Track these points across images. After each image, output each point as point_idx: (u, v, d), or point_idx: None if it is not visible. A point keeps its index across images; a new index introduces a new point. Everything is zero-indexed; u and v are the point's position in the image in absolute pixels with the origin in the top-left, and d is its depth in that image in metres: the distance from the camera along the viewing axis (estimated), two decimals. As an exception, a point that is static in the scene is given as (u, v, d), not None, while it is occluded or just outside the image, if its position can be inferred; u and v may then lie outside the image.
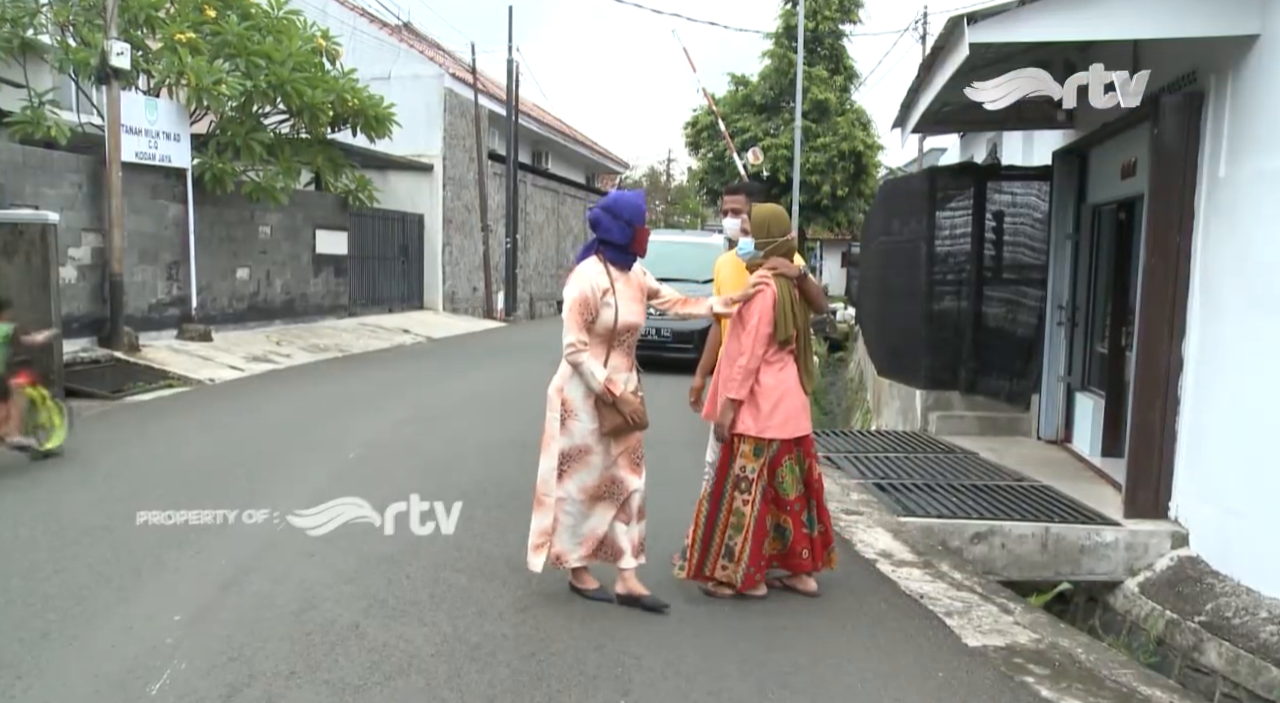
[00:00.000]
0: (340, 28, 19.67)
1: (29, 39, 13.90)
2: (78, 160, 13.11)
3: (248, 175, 15.90)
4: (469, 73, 25.57)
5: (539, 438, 4.70)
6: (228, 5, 15.32)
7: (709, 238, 18.12)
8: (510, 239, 26.49)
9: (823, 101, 28.98)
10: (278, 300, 17.79)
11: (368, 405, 10.85)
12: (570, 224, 34.45)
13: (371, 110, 17.42)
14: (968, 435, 9.44)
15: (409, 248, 23.45)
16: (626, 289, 4.44)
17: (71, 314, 12.39)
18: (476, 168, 25.83)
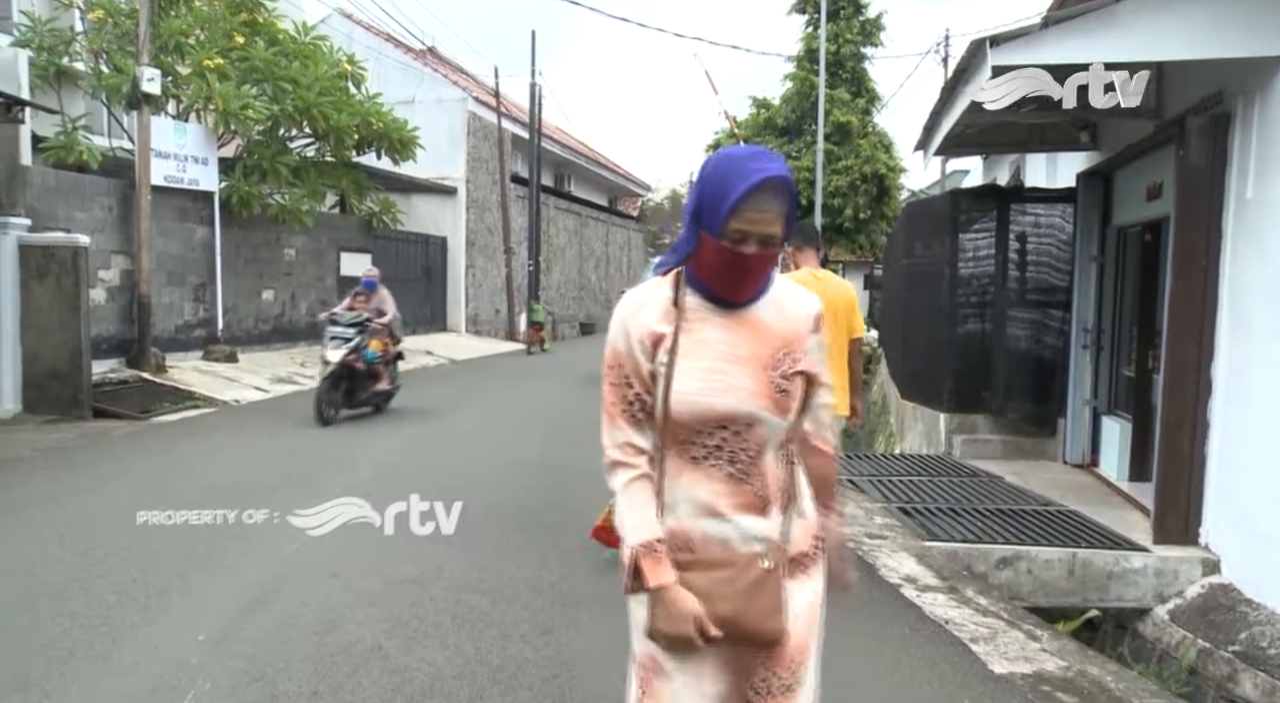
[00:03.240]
0: (365, 52, 19.90)
1: (64, 66, 14.18)
2: (108, 184, 13.30)
3: (273, 198, 16.07)
4: (492, 96, 25.78)
5: (563, 459, 4.67)
6: (255, 31, 15.54)
7: None
8: (533, 261, 26.60)
9: (845, 124, 29.01)
10: (302, 322, 17.91)
11: (387, 426, 10.88)
12: (593, 246, 34.57)
13: (396, 133, 17.59)
14: (992, 459, 9.36)
15: (432, 270, 23.59)
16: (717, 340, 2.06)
17: (100, 335, 12.52)
18: (499, 190, 25.99)
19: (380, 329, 11.14)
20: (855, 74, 30.67)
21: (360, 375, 10.97)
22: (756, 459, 2.05)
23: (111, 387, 11.83)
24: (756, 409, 2.00)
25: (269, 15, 16.02)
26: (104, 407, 10.90)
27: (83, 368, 10.84)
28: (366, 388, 11.12)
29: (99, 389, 11.28)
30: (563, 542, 6.21)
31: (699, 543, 2.04)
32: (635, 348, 2.04)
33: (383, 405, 11.59)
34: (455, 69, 27.53)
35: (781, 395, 2.03)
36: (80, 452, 9.04)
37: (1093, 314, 9.00)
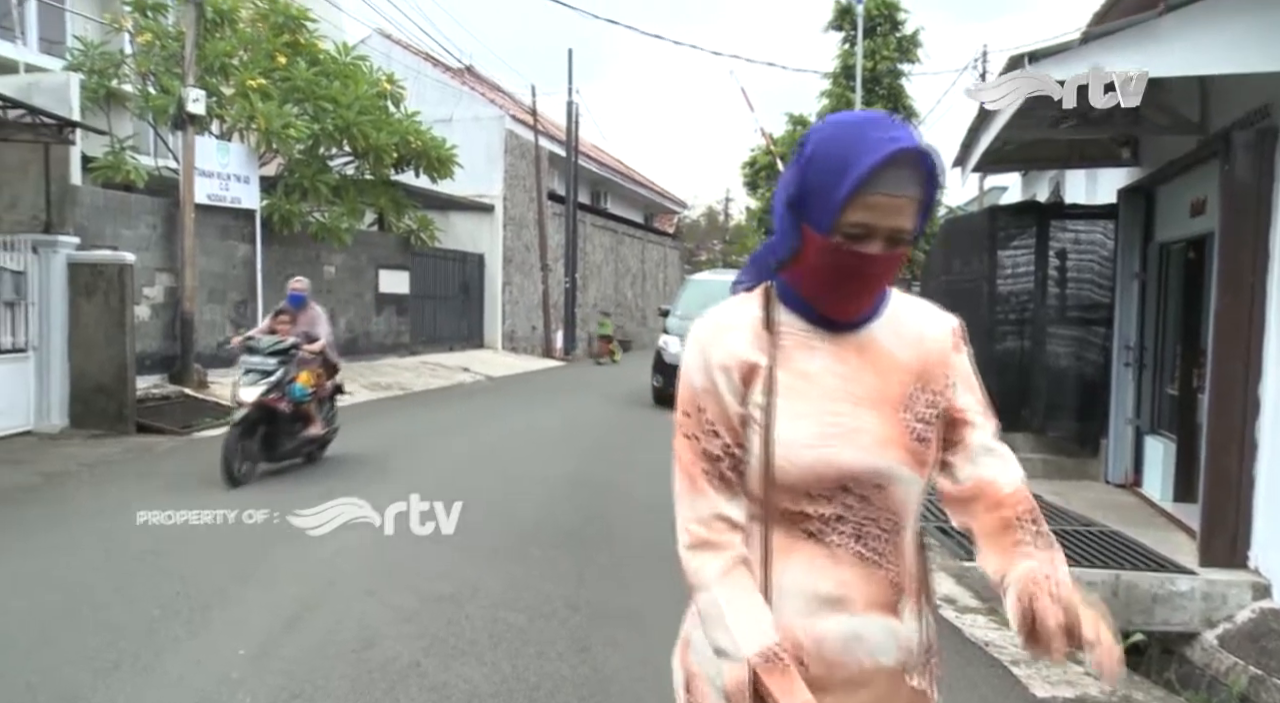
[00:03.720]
0: (404, 71, 20.14)
1: (113, 88, 14.50)
2: (154, 203, 13.53)
3: (313, 216, 16.27)
4: (529, 114, 25.97)
5: (600, 478, 4.67)
6: (297, 52, 15.78)
7: None
8: (569, 278, 26.70)
9: (882, 141, 28.90)
10: (340, 339, 18.06)
11: (427, 443, 10.95)
12: (629, 264, 34.64)
13: (434, 152, 17.77)
14: (1033, 479, 9.13)
15: (469, 287, 23.75)
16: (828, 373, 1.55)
17: (144, 351, 12.71)
18: (536, 208, 26.15)
19: (311, 358, 8.97)
20: (892, 91, 30.54)
21: (284, 419, 8.65)
22: (893, 534, 1.53)
23: (155, 402, 12.00)
24: (892, 464, 1.49)
25: (310, 36, 16.27)
26: (147, 422, 11.06)
27: (128, 383, 11.01)
28: (293, 434, 8.81)
29: (143, 404, 11.45)
30: (599, 558, 6.21)
31: (816, 651, 1.47)
32: (721, 384, 1.49)
33: (316, 454, 9.30)
34: (493, 87, 27.76)
35: (920, 445, 1.52)
36: (124, 466, 9.18)
37: (1135, 332, 8.88)
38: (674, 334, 15.01)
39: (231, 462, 8.02)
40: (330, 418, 9.51)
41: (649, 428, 12.85)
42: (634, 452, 10.97)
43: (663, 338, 15.28)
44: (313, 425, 8.97)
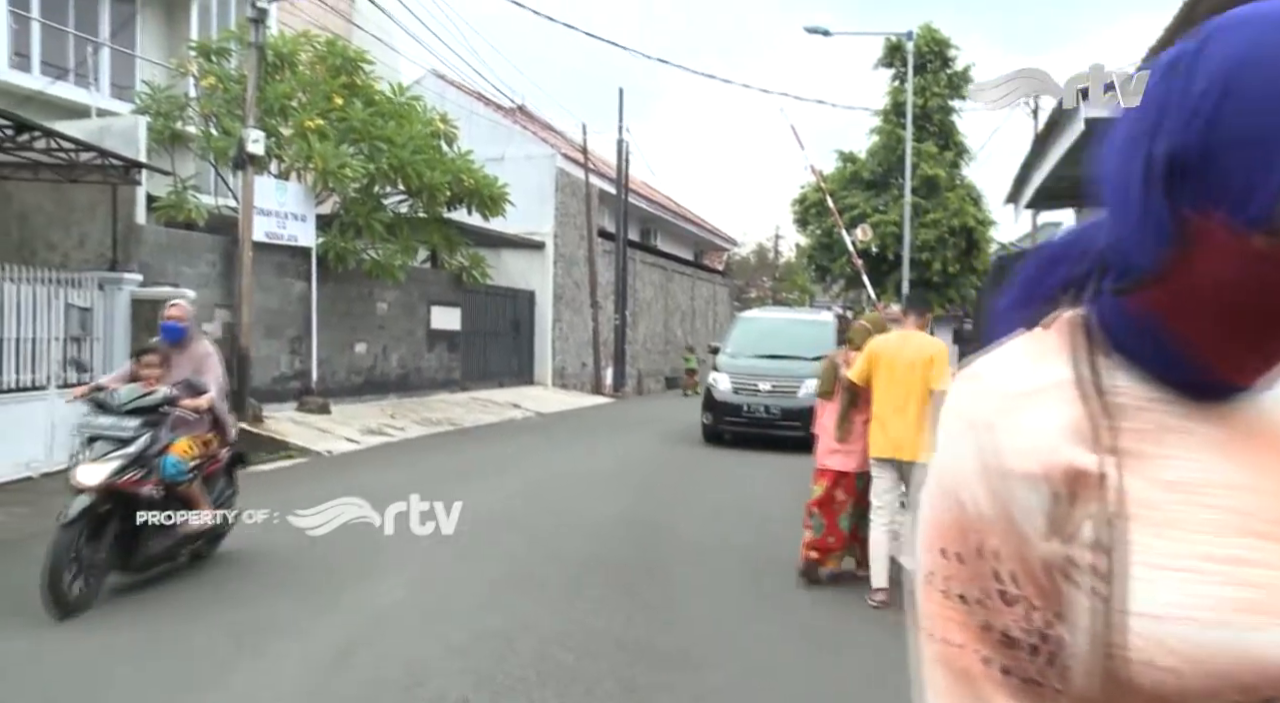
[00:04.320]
0: (458, 111, 20.45)
1: (178, 130, 14.92)
2: (213, 240, 13.85)
3: (368, 253, 16.52)
4: (580, 153, 26.23)
5: (650, 516, 4.64)
6: (354, 93, 16.12)
7: (819, 314, 18.17)
8: (619, 316, 26.80)
9: (932, 177, 28.76)
10: (393, 374, 18.29)
11: (477, 478, 10.98)
12: (678, 301, 34.69)
13: (486, 190, 18.00)
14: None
15: (520, 324, 23.92)
16: (1220, 483, 0.76)
17: (201, 386, 12.94)
18: (586, 245, 26.33)
19: (194, 417, 6.17)
20: (943, 127, 30.44)
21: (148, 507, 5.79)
22: None
23: (211, 436, 12.19)
24: None
25: (367, 77, 16.63)
26: (204, 456, 11.22)
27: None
28: (166, 531, 5.95)
29: (199, 439, 11.63)
30: (649, 598, 6.17)
31: None
32: (1024, 507, 0.79)
33: (205, 551, 6.61)
34: (544, 126, 28.11)
35: None
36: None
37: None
38: (724, 371, 15.03)
39: (60, 577, 5.20)
40: (226, 500, 6.80)
41: (699, 466, 12.81)
42: (684, 490, 10.92)
43: (712, 375, 15.28)
44: (196, 514, 6.12)
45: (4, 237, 12.10)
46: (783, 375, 14.57)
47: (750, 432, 14.46)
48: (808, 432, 14.14)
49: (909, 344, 6.02)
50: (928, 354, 5.96)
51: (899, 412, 5.90)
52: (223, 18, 18.36)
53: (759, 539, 8.32)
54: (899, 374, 5.94)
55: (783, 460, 13.14)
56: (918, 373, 5.90)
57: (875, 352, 6.09)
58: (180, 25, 17.42)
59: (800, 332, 16.05)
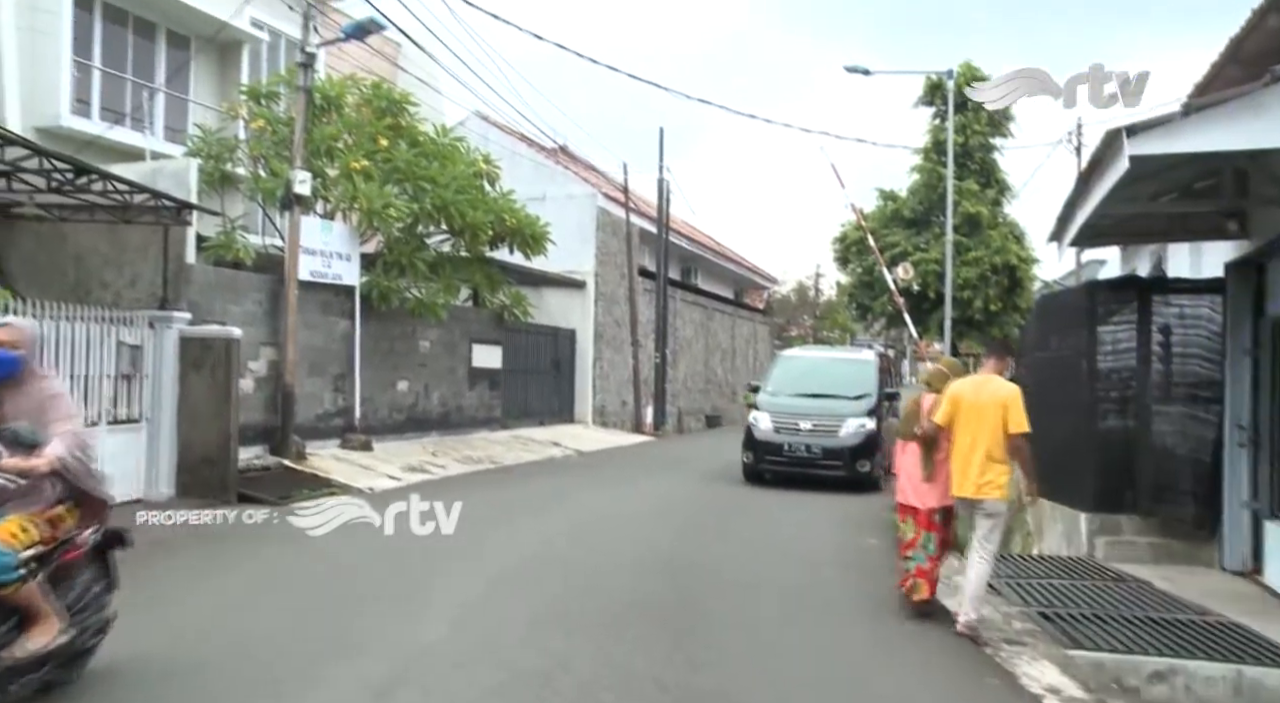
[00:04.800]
0: (500, 151, 20.72)
1: (227, 172, 15.27)
2: (260, 279, 14.09)
3: (411, 292, 16.71)
4: (621, 192, 26.43)
5: (690, 555, 4.63)
6: (399, 134, 16.41)
7: (860, 353, 18.06)
8: (659, 354, 26.83)
9: (974, 215, 28.64)
10: (434, 412, 18.40)
11: (518, 518, 11.00)
12: (719, 339, 34.66)
13: (528, 229, 18.18)
14: (1140, 563, 8.84)
15: (561, 362, 24.01)
16: None
17: (247, 423, 13.10)
18: (627, 284, 26.44)
19: (30, 488, 4.49)
20: (984, 165, 30.35)
21: None
22: None
23: (255, 473, 12.34)
24: None
25: (411, 119, 16.92)
26: (248, 492, 11.35)
27: (231, 454, 11.36)
28: None
29: (244, 475, 11.79)
30: (690, 637, 6.13)
31: None
32: None
33: (64, 677, 4.66)
34: (585, 166, 28.37)
35: None
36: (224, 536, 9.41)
37: (1248, 410, 8.50)
38: (764, 410, 14.93)
39: None
40: (93, 600, 4.89)
41: (740, 505, 12.73)
42: (725, 529, 10.86)
43: (753, 414, 15.20)
44: (36, 629, 4.34)
45: (61, 277, 12.40)
46: (824, 414, 14.50)
47: (791, 471, 14.37)
48: (850, 471, 14.13)
49: (986, 388, 6.46)
50: (1002, 398, 6.35)
51: (973, 452, 6.33)
52: (273, 62, 18.80)
53: (800, 579, 8.25)
54: (975, 416, 6.36)
55: (824, 500, 13.05)
56: (992, 415, 6.30)
57: (956, 395, 6.53)
58: (232, 70, 17.86)
59: (841, 370, 15.97)
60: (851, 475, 14.20)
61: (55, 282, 12.34)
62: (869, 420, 14.52)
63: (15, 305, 9.27)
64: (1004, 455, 6.39)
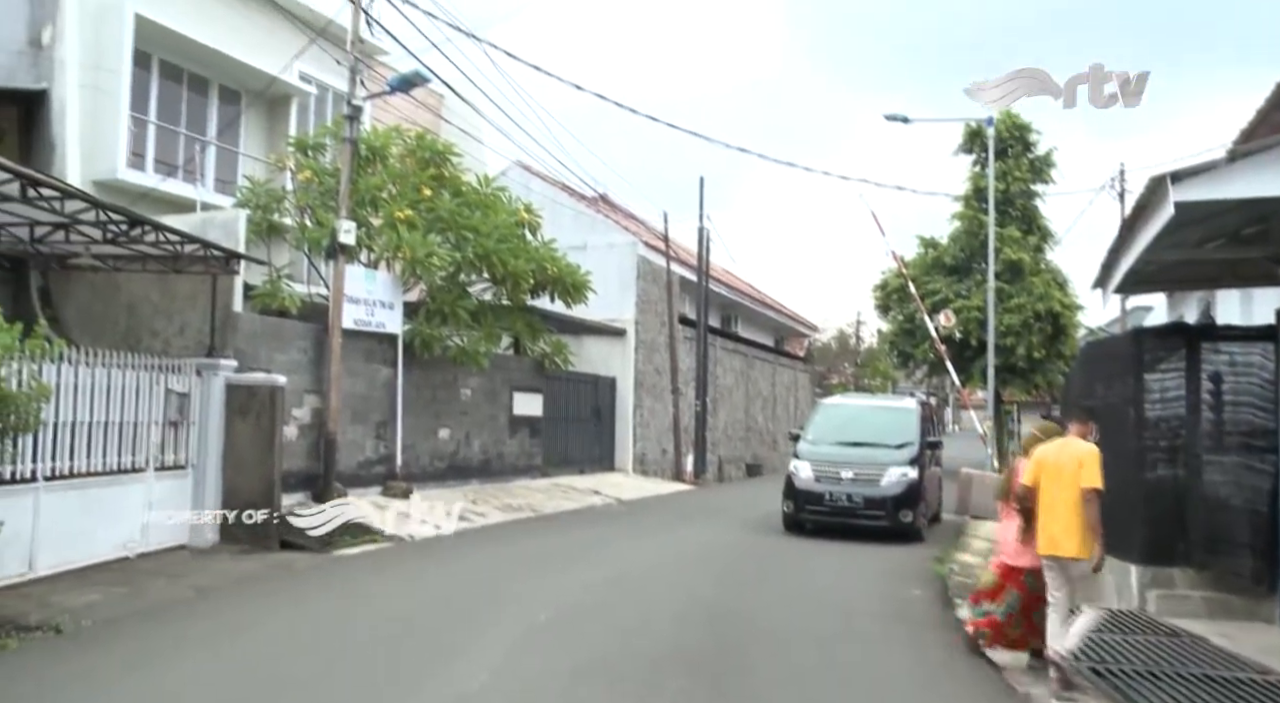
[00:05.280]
0: (541, 200, 20.95)
1: (274, 222, 15.58)
2: (305, 328, 14.29)
3: (453, 340, 16.85)
4: (661, 240, 26.58)
5: (731, 605, 4.58)
6: (442, 184, 16.67)
7: (902, 401, 17.81)
8: (700, 402, 26.76)
9: (1016, 262, 28.43)
10: (475, 460, 18.45)
11: (559, 566, 10.95)
12: (759, 387, 34.53)
13: (569, 278, 18.31)
14: (1194, 618, 8.61)
15: (601, 410, 24.02)
16: None
17: (290, 469, 13.20)
18: (667, 332, 26.49)
19: None
20: (1025, 211, 30.20)
21: None
22: None
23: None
24: None
25: (454, 169, 17.19)
26: (290, 539, 11.42)
27: (274, 501, 11.45)
28: None
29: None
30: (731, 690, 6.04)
31: None
32: None
33: None
34: (626, 215, 28.58)
35: None
36: (267, 583, 9.47)
37: (1304, 460, 8.29)
38: (804, 459, 14.77)
39: None
40: None
41: (781, 555, 12.59)
42: (766, 579, 10.74)
43: (793, 463, 15.01)
44: None
45: (113, 325, 12.67)
46: (865, 463, 14.29)
47: (832, 521, 14.16)
48: (892, 521, 13.91)
49: (1066, 450, 6.65)
50: (1078, 458, 6.52)
51: (1053, 511, 6.53)
52: (320, 115, 19.24)
53: (842, 629, 8.13)
54: (1056, 477, 6.58)
55: (867, 551, 12.86)
56: (1070, 475, 6.48)
57: (1040, 457, 6.78)
58: (280, 123, 18.29)
59: (883, 419, 15.79)
60: (894, 526, 13.95)
61: (108, 330, 12.62)
62: (911, 469, 14.28)
63: (70, 353, 9.46)
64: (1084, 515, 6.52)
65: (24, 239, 11.11)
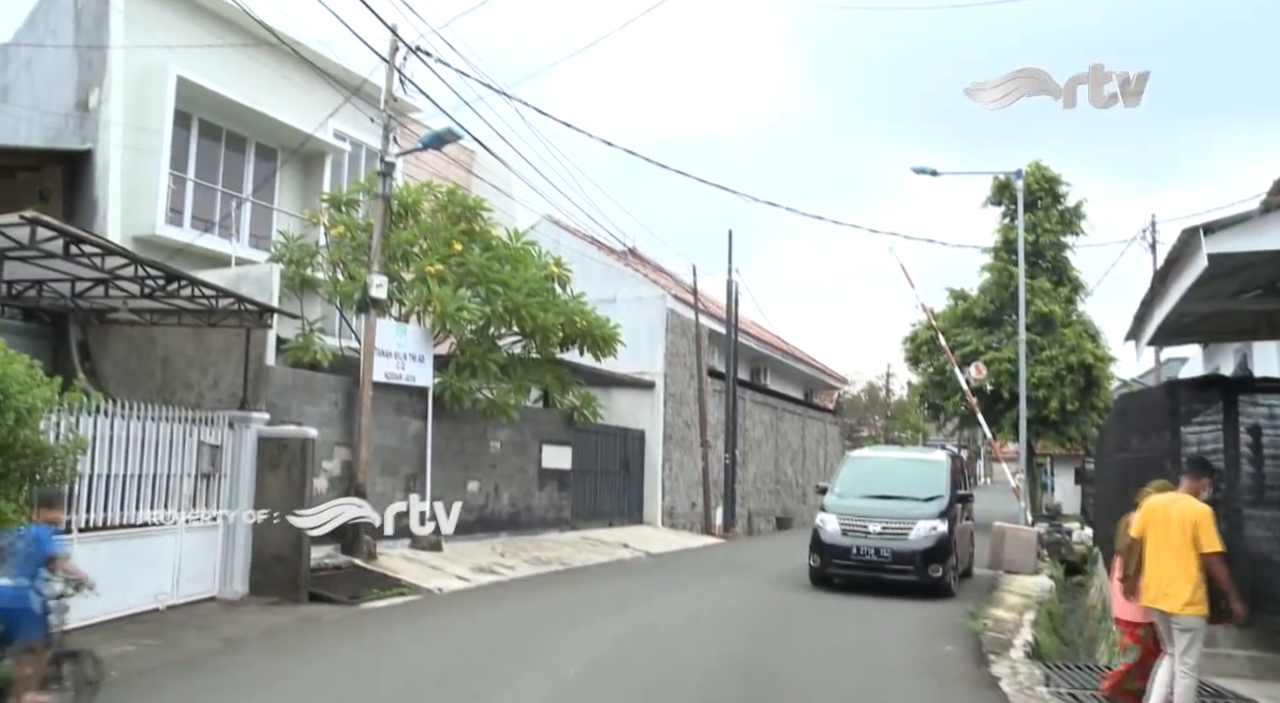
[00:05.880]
0: (570, 254, 21.09)
1: (307, 276, 15.80)
2: (336, 381, 14.41)
3: (482, 393, 16.91)
4: (690, 293, 26.65)
5: (760, 660, 4.53)
6: (472, 239, 16.86)
7: (931, 453, 17.51)
8: (729, 455, 26.61)
9: (1047, 314, 28.30)
10: (504, 513, 18.42)
11: (588, 620, 10.87)
12: (789, 440, 34.33)
13: (598, 331, 18.37)
14: (1240, 678, 8.39)
15: (630, 463, 23.94)
16: None
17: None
18: (696, 384, 26.45)
19: None
20: (1056, 263, 30.13)
21: None
22: None
23: (326, 572, 12.41)
24: None
25: (485, 224, 17.39)
26: (319, 591, 11.41)
27: (303, 553, 11.46)
28: None
29: (315, 574, 11.86)
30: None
31: None
32: None
33: None
34: (654, 268, 28.70)
35: None
36: (296, 635, 9.45)
37: (1348, 514, 8.13)
38: (831, 512, 14.44)
39: None
40: None
41: (811, 610, 12.42)
42: (796, 634, 10.60)
43: (820, 516, 14.67)
44: None
45: (149, 378, 12.84)
46: (893, 516, 13.97)
47: (860, 575, 13.81)
48: (921, 575, 13.59)
49: (1177, 505, 6.62)
50: (1192, 516, 6.48)
51: (1160, 565, 6.55)
52: (353, 171, 19.59)
53: (874, 685, 7.99)
54: (1163, 531, 6.58)
55: (897, 606, 12.64)
56: (1179, 532, 6.48)
57: (1149, 510, 6.78)
58: (314, 179, 18.65)
59: (911, 471, 15.54)
60: (923, 581, 13.59)
61: (143, 383, 12.78)
62: (940, 523, 13.92)
63: (106, 406, 9.59)
64: (1194, 572, 6.46)
65: (65, 294, 11.35)
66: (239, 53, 16.65)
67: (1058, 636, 13.15)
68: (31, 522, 5.91)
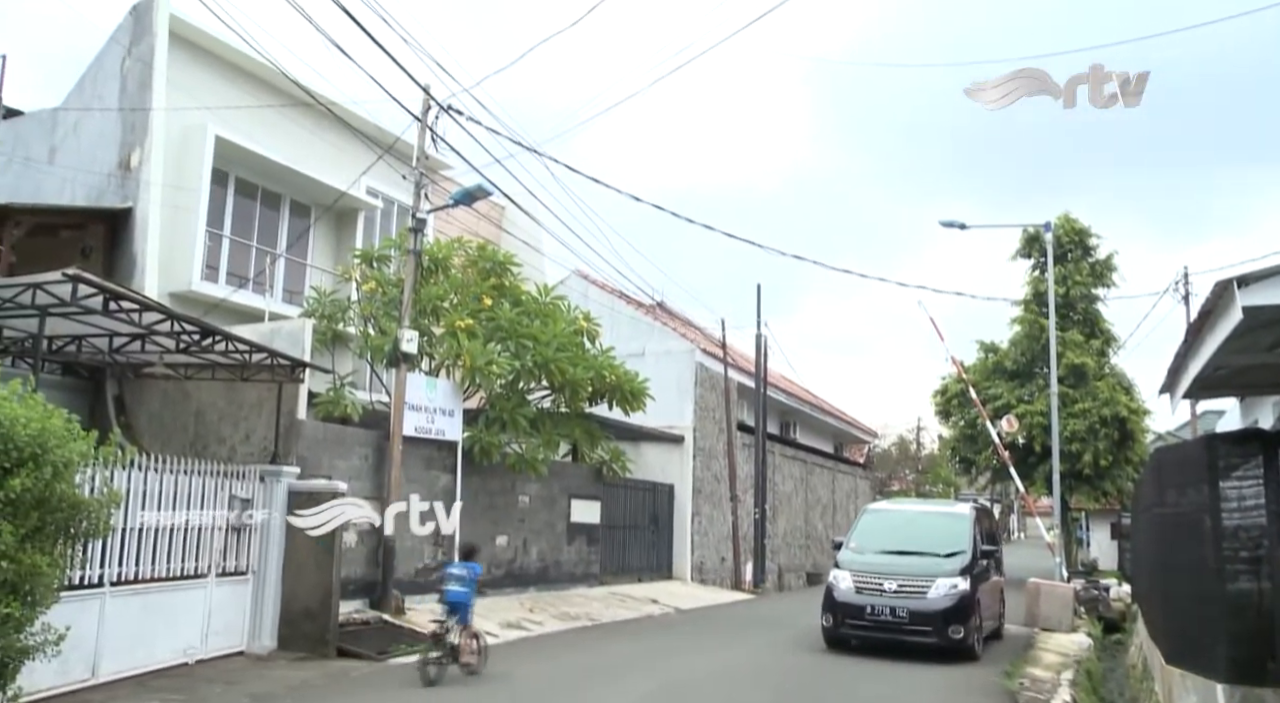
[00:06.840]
0: (599, 308, 21.22)
1: (339, 331, 15.99)
2: (366, 435, 14.48)
3: (511, 447, 16.92)
4: (719, 347, 26.66)
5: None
6: (502, 294, 17.00)
7: (954, 507, 16.60)
8: (759, 509, 26.39)
9: (1079, 366, 28.05)
10: (532, 567, 18.32)
11: (616, 677, 10.75)
12: (819, 494, 34.03)
13: (627, 385, 18.38)
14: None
15: (659, 517, 23.79)
16: None
17: (348, 576, 13.23)
18: (725, 439, 26.35)
19: None
20: (1087, 315, 29.93)
21: None
22: None
23: (355, 627, 12.37)
24: None
25: (514, 279, 17.55)
26: (347, 646, 11.37)
27: (332, 608, 11.45)
28: None
29: (344, 629, 11.82)
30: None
31: None
32: None
33: None
34: (683, 322, 28.76)
35: None
36: (323, 691, 9.40)
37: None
38: (845, 569, 13.71)
39: None
40: None
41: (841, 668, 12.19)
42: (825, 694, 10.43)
43: (834, 572, 13.92)
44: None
45: (182, 431, 12.99)
46: (911, 573, 13.16)
47: (875, 636, 13.01)
48: (941, 637, 12.85)
49: None
50: None
51: None
52: (385, 227, 19.90)
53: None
54: None
55: (928, 665, 12.22)
56: None
57: None
58: (347, 235, 18.94)
59: (932, 525, 14.79)
60: (942, 643, 12.73)
61: (177, 436, 12.92)
62: (962, 580, 13.05)
63: (140, 460, 9.68)
64: None
65: (103, 349, 11.54)
66: (276, 112, 17.05)
67: (1097, 696, 12.79)
68: None
